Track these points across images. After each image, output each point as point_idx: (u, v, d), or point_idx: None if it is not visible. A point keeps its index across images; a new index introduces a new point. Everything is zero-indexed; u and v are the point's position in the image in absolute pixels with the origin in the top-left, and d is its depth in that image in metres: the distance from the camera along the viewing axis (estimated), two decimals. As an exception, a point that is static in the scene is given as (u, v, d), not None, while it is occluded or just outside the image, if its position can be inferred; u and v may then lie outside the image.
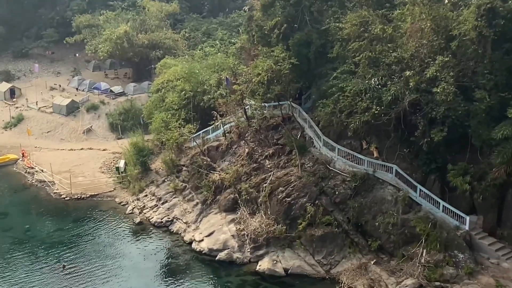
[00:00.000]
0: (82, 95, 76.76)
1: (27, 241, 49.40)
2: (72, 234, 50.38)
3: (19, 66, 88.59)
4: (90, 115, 73.02)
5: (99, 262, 45.79)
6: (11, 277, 44.12)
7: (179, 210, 51.85)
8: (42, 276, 44.00)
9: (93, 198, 56.88)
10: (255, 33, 54.15)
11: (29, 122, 72.99)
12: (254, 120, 51.60)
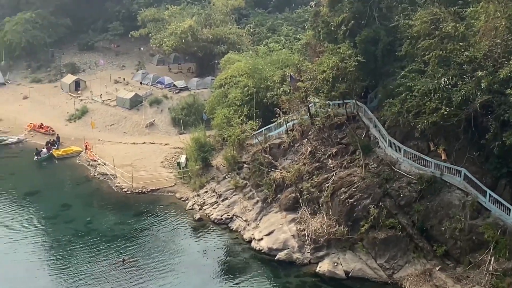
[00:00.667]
0: (146, 89, 77.76)
1: (88, 233, 50.40)
2: (132, 228, 51.15)
3: (84, 59, 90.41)
4: (153, 109, 73.88)
5: (159, 257, 46.34)
6: (72, 269, 45.14)
7: (239, 207, 52.00)
8: (103, 268, 44.82)
9: (154, 193, 57.56)
10: (321, 29, 53.78)
11: (93, 115, 74.33)
12: (318, 118, 51.29)
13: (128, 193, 57.64)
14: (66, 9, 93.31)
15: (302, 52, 61.88)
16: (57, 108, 77.94)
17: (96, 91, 78.50)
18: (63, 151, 66.62)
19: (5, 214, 53.45)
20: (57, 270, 45.23)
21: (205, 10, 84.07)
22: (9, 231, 50.50)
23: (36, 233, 50.70)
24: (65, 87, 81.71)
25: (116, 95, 76.25)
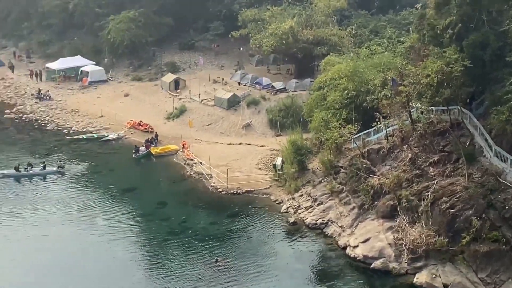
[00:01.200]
0: (244, 89, 78.43)
1: (183, 232, 51.32)
2: (226, 228, 51.71)
3: (184, 58, 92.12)
4: (250, 110, 74.40)
5: (252, 259, 46.63)
6: (166, 266, 46.12)
7: (334, 213, 51.62)
8: (196, 268, 45.53)
9: (249, 194, 57.96)
10: (426, 32, 52.67)
11: (191, 114, 75.58)
12: (420, 124, 50.26)
13: (223, 194, 58.27)
14: (168, 8, 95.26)
15: (405, 55, 60.84)
16: (156, 106, 79.71)
17: (195, 91, 79.80)
18: (161, 149, 68.08)
19: (104, 210, 55.16)
20: (152, 267, 46.30)
21: (306, 11, 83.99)
22: (106, 226, 52.09)
23: (133, 229, 52.10)
24: (165, 85, 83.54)
25: (214, 95, 77.27)
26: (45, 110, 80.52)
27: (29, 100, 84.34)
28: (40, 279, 44.57)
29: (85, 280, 44.52)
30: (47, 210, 54.74)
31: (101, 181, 61.85)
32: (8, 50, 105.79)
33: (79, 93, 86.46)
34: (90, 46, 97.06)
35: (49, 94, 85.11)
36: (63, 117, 78.53)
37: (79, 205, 55.87)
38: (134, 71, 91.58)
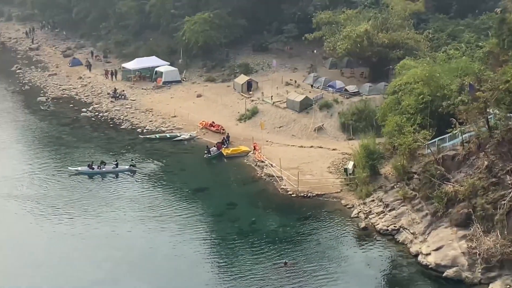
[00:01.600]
0: (316, 92, 78.30)
1: (252, 233, 51.63)
2: (295, 231, 51.75)
3: (257, 60, 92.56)
4: (323, 113, 74.20)
5: (320, 263, 46.55)
6: (235, 267, 46.54)
7: (406, 219, 50.99)
8: (264, 270, 45.73)
9: (319, 198, 57.82)
10: (506, 37, 51.71)
11: (262, 116, 75.92)
12: (497, 131, 49.14)
13: (293, 196, 58.31)
14: (243, 10, 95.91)
15: (484, 60, 59.63)
16: (229, 108, 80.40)
17: (267, 92, 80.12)
18: (232, 150, 68.66)
19: (175, 209, 56.01)
20: (220, 267, 46.81)
21: (382, 14, 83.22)
22: (177, 225, 52.87)
23: (202, 229, 52.75)
24: (237, 87, 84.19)
25: (286, 97, 77.42)
26: (120, 109, 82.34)
27: (105, 99, 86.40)
28: (111, 276, 45.64)
29: (154, 279, 45.31)
30: (120, 208, 55.96)
31: (172, 180, 62.85)
32: (86, 49, 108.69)
33: (153, 93, 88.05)
34: (165, 46, 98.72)
35: (124, 94, 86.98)
36: (137, 116, 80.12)
37: (151, 203, 56.92)
38: (207, 72, 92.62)
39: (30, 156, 68.65)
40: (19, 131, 76.77)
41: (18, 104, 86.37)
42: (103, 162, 64.05)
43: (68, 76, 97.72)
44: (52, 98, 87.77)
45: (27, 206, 55.98)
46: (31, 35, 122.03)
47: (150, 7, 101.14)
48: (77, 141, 73.32)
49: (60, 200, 57.29)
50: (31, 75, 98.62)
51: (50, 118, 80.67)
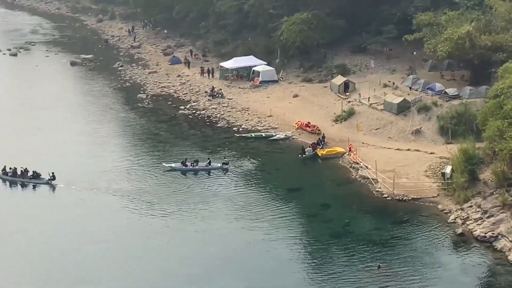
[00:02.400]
0: (415, 94, 77.18)
1: (345, 235, 51.63)
2: (389, 234, 51.35)
3: (355, 61, 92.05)
4: (421, 116, 73.13)
5: (414, 267, 46.07)
6: (327, 268, 46.71)
7: (505, 226, 49.68)
8: (356, 272, 45.66)
9: (415, 202, 57.09)
10: None
11: (359, 118, 75.48)
12: None
13: (388, 199, 57.83)
14: (341, 11, 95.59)
15: None
16: (325, 108, 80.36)
17: (364, 94, 79.60)
18: (327, 151, 68.65)
19: (268, 208, 56.63)
20: (313, 267, 47.08)
21: (485, 16, 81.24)
22: (270, 224, 53.44)
23: (296, 229, 53.18)
24: (334, 88, 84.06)
25: (384, 99, 76.72)
26: (217, 108, 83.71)
27: (203, 97, 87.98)
28: (204, 271, 46.58)
29: (247, 275, 46.07)
30: (213, 205, 57.01)
31: (267, 179, 63.49)
32: (186, 48, 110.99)
33: (250, 92, 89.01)
34: (262, 46, 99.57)
35: (221, 92, 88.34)
36: (234, 115, 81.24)
37: (244, 201, 57.74)
38: (304, 72, 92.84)
39: (129, 151, 70.91)
40: (119, 127, 79.35)
41: (119, 100, 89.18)
42: (196, 160, 65.36)
43: (168, 74, 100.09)
44: (151, 96, 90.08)
45: (124, 200, 57.81)
46: (133, 33, 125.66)
47: (249, 7, 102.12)
48: (174, 138, 75.05)
49: (155, 195, 58.89)
50: (132, 73, 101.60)
51: (149, 114, 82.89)
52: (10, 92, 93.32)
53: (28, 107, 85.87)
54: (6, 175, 62.55)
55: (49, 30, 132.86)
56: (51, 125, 78.27)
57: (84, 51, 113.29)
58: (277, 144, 72.47)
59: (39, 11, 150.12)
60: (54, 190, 60.82)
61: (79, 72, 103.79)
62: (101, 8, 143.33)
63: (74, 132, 76.08)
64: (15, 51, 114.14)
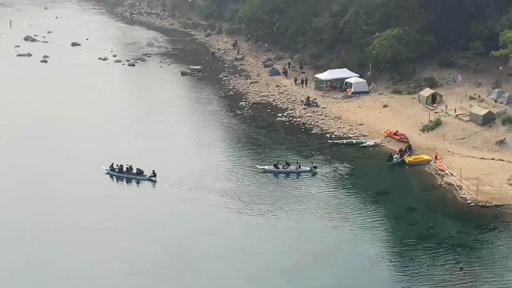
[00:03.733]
0: (500, 107, 74.80)
1: (429, 237, 50.53)
2: (472, 238, 49.95)
3: (443, 74, 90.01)
4: (505, 128, 70.82)
5: (496, 271, 44.71)
6: (411, 268, 46.11)
7: None
8: (440, 273, 44.69)
9: (498, 208, 55.21)
10: None
11: (445, 128, 73.82)
12: None
13: (471, 205, 56.18)
14: (431, 27, 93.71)
15: None
16: (412, 118, 79.01)
17: (451, 106, 77.77)
18: (414, 158, 67.43)
19: (357, 209, 56.28)
20: (398, 266, 46.56)
21: None
22: (359, 224, 53.12)
23: (382, 230, 52.64)
24: (422, 99, 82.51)
25: (469, 111, 74.68)
26: (312, 116, 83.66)
27: (298, 106, 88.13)
28: (296, 264, 46.78)
29: (335, 271, 46.02)
30: (305, 205, 56.88)
31: (356, 182, 62.97)
32: (284, 61, 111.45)
33: (342, 102, 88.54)
34: (355, 59, 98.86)
35: (316, 102, 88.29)
36: (327, 123, 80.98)
37: (335, 202, 57.40)
38: (394, 84, 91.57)
39: (230, 153, 71.88)
40: (222, 131, 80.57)
41: (223, 107, 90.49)
42: (287, 162, 65.49)
43: (267, 84, 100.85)
44: (252, 103, 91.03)
45: (223, 198, 58.39)
46: (237, 47, 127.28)
47: (344, 23, 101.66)
48: (272, 143, 75.50)
49: (250, 195, 59.28)
50: (235, 82, 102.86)
51: (250, 121, 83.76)
52: (129, 98, 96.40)
53: (144, 112, 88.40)
54: (113, 171, 64.30)
55: (163, 43, 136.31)
56: (163, 128, 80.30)
57: (193, 63, 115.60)
58: (367, 150, 71.71)
59: (154, 26, 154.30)
60: (155, 185, 62.17)
61: (189, 81, 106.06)
62: (209, 24, 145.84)
63: (183, 135, 77.86)
64: (133, 62, 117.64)
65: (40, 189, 60.42)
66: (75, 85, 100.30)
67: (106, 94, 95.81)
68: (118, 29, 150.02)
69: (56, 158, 67.93)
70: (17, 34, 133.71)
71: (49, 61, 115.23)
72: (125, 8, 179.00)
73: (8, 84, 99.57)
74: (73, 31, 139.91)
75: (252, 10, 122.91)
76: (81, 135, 76.32)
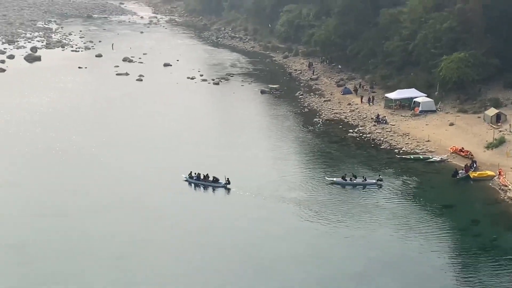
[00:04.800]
0: None
1: (493, 249, 49.08)
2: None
3: (507, 95, 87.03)
4: None
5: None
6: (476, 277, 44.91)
7: None
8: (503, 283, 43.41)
9: None
10: None
11: (508, 145, 71.38)
12: None
13: (534, 220, 54.20)
14: (496, 50, 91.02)
15: None
16: (477, 136, 76.80)
17: (516, 124, 75.28)
18: (478, 174, 65.49)
19: (423, 220, 55.17)
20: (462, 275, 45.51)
21: None
22: (424, 234, 52.08)
23: (448, 240, 51.44)
24: (487, 118, 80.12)
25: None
26: (381, 132, 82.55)
27: (369, 123, 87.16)
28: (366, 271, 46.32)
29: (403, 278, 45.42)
30: (373, 215, 56.02)
31: (422, 195, 61.63)
32: (356, 81, 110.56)
33: (410, 120, 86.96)
34: (423, 80, 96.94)
35: (385, 119, 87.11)
36: (395, 139, 79.69)
37: (401, 213, 56.48)
38: (460, 104, 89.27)
39: (303, 165, 71.74)
40: (297, 144, 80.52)
41: (299, 123, 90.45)
42: (354, 175, 64.72)
43: (339, 102, 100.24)
44: (325, 120, 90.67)
45: (294, 207, 58.18)
46: (312, 68, 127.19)
47: (413, 47, 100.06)
48: (343, 156, 74.95)
49: (321, 204, 58.90)
50: (310, 100, 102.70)
51: (323, 136, 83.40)
52: (213, 114, 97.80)
53: (226, 126, 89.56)
54: (192, 178, 65.16)
55: (244, 64, 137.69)
56: (243, 141, 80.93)
57: (272, 82, 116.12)
58: (433, 165, 70.12)
59: (237, 49, 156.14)
60: (231, 193, 62.40)
61: (267, 99, 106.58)
62: (287, 46, 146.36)
63: (261, 148, 78.22)
64: (217, 81, 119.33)
65: (134, 192, 62.06)
66: (166, 101, 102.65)
67: (193, 110, 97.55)
68: (205, 51, 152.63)
69: (146, 166, 69.65)
70: (117, 56, 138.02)
71: (144, 80, 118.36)
72: (211, 32, 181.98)
73: (108, 99, 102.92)
74: (165, 53, 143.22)
75: (326, 35, 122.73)
76: (170, 146, 78.02)
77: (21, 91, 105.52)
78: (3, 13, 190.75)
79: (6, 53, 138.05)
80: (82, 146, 76.72)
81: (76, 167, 69.72)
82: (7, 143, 78.02)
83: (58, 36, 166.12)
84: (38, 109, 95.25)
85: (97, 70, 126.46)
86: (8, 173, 66.77)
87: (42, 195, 60.92)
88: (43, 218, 55.38)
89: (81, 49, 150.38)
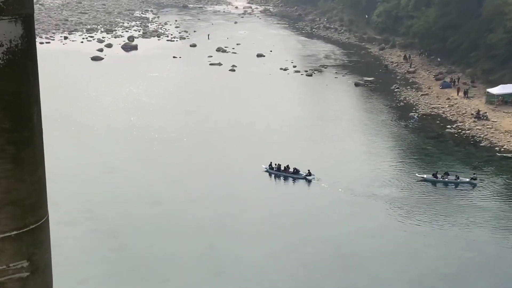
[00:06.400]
0: None
1: None
2: None
3: None
4: None
5: None
6: None
7: None
8: None
9: None
10: None
11: None
12: None
13: None
14: None
15: None
16: None
17: None
18: None
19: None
20: None
21: None
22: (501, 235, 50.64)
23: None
24: None
25: None
26: (481, 129, 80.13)
27: (468, 119, 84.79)
28: (461, 273, 45.35)
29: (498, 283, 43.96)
30: (468, 215, 54.95)
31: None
32: (456, 75, 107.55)
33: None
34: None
35: (486, 115, 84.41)
36: (496, 136, 77.13)
37: (499, 214, 55.19)
38: None
39: (397, 161, 70.86)
40: (392, 139, 79.56)
41: (393, 117, 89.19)
42: (447, 173, 63.15)
43: (438, 96, 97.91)
44: (421, 115, 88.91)
45: (385, 204, 57.87)
46: (409, 60, 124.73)
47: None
48: (439, 153, 73.42)
49: (413, 202, 58.27)
50: (406, 94, 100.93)
51: (419, 131, 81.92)
52: (305, 106, 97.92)
53: (318, 119, 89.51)
54: (272, 169, 65.49)
55: (339, 56, 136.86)
56: (335, 134, 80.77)
57: (366, 74, 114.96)
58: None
59: (332, 40, 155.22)
60: (310, 185, 62.64)
61: (361, 91, 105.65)
62: (384, 38, 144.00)
63: (353, 142, 77.83)
64: (310, 72, 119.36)
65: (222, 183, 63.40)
66: (258, 92, 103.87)
67: (285, 101, 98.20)
68: (299, 42, 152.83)
69: (234, 156, 70.82)
70: (211, 46, 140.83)
71: (236, 70, 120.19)
72: (306, 23, 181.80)
73: (201, 90, 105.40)
74: (259, 44, 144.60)
75: (426, 26, 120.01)
76: (261, 137, 79.00)
77: (118, 79, 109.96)
78: (102, 3, 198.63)
79: (105, 41, 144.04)
80: (177, 136, 79.16)
81: (171, 156, 71.95)
82: (110, 131, 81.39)
83: (154, 26, 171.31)
84: (134, 97, 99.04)
85: (191, 60, 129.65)
86: (111, 161, 69.45)
87: (140, 183, 63.04)
88: (138, 205, 57.68)
89: (176, 38, 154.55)
